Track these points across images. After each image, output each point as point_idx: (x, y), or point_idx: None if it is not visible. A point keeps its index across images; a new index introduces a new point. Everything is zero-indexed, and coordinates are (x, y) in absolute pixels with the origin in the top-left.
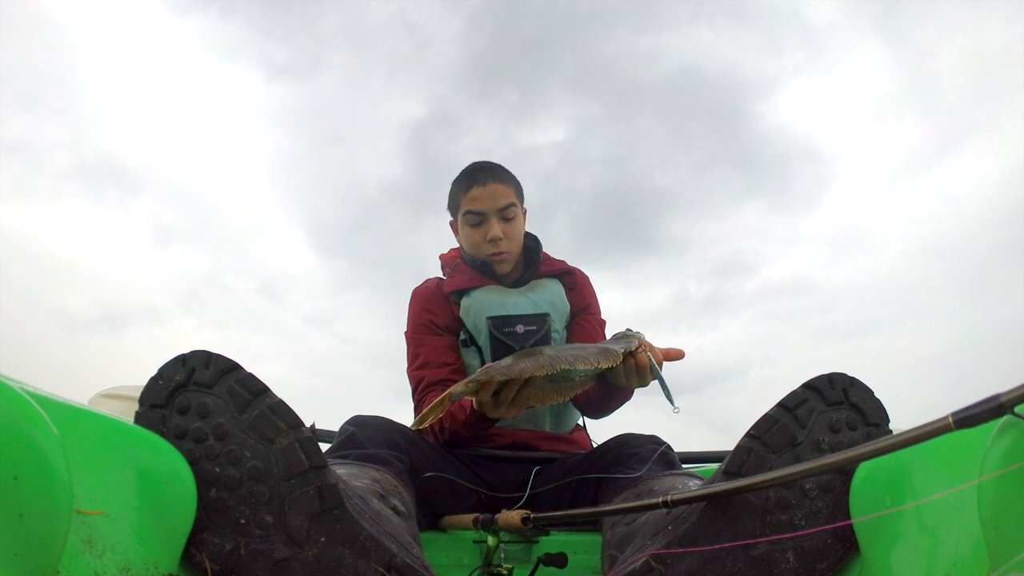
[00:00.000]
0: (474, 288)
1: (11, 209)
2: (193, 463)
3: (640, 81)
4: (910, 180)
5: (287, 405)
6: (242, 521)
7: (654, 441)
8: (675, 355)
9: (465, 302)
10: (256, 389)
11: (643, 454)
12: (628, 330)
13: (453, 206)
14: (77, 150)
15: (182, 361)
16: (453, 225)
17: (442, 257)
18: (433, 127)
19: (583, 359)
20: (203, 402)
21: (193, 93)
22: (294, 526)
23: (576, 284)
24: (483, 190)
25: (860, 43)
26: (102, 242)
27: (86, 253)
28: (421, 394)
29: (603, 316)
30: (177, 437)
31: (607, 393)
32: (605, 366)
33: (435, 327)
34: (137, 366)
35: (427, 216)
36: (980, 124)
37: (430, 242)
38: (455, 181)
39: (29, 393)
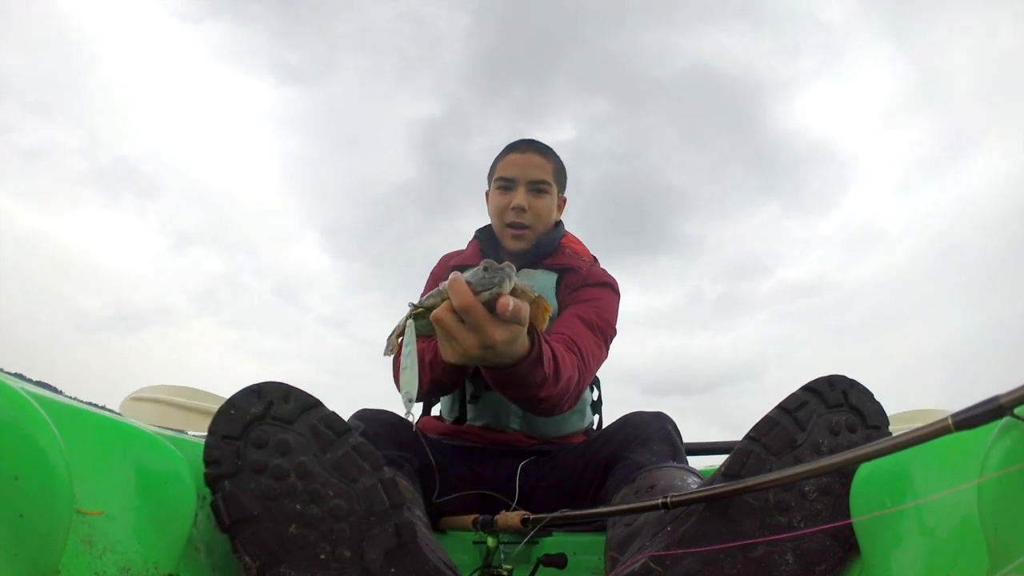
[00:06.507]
0: (468, 266)
1: (30, 214)
2: (271, 499)
3: (651, 80)
4: (924, 180)
5: (369, 446)
6: (321, 556)
7: (659, 419)
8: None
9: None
10: (340, 429)
11: (647, 436)
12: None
13: (490, 174)
14: (94, 156)
15: (256, 392)
16: (488, 196)
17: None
18: (443, 127)
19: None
20: (283, 439)
21: (208, 100)
22: (370, 559)
23: (573, 283)
24: (519, 156)
25: (873, 46)
26: (119, 245)
27: (103, 256)
28: None
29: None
30: (255, 472)
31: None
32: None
33: None
34: (152, 364)
35: (439, 216)
36: (992, 123)
37: (443, 243)
38: (498, 153)
39: (29, 393)
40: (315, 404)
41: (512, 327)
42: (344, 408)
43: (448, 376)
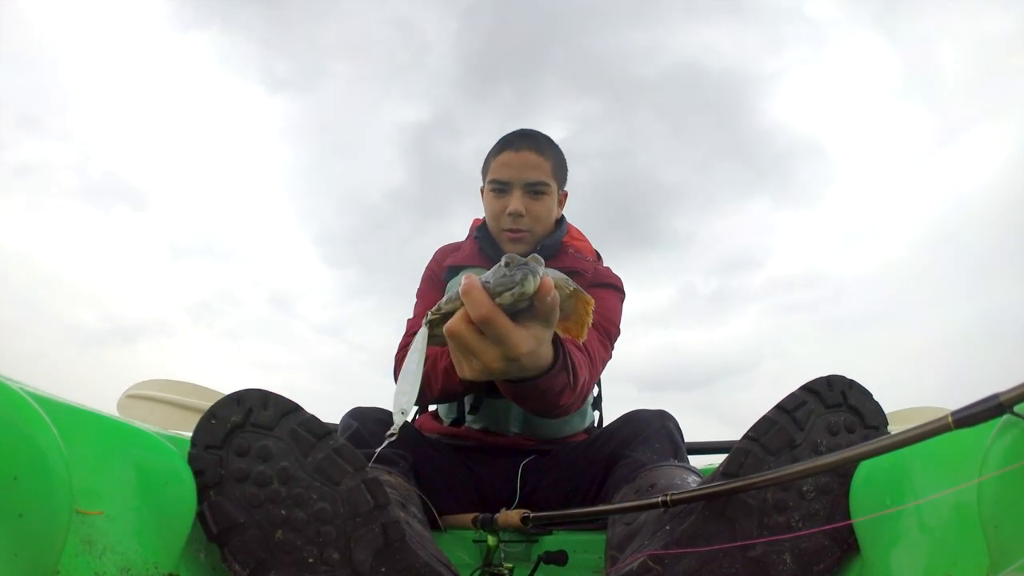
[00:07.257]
0: (466, 267)
1: (23, 230)
2: (256, 506)
3: (639, 77)
4: (914, 171)
5: (351, 447)
6: (310, 560)
7: (660, 417)
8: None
9: (451, 283)
10: (320, 432)
11: (648, 434)
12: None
13: (484, 171)
14: (84, 170)
15: (236, 400)
16: (483, 192)
17: (474, 222)
18: (433, 130)
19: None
20: (264, 445)
21: (197, 109)
22: (358, 561)
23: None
24: (514, 156)
25: (860, 37)
26: (112, 259)
27: (96, 270)
28: (406, 337)
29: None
30: (237, 480)
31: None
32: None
33: (434, 286)
34: (150, 376)
35: (431, 220)
36: (981, 113)
37: (435, 245)
38: (493, 146)
39: (29, 393)
40: (294, 408)
41: (539, 332)
42: (342, 413)
43: (463, 386)
